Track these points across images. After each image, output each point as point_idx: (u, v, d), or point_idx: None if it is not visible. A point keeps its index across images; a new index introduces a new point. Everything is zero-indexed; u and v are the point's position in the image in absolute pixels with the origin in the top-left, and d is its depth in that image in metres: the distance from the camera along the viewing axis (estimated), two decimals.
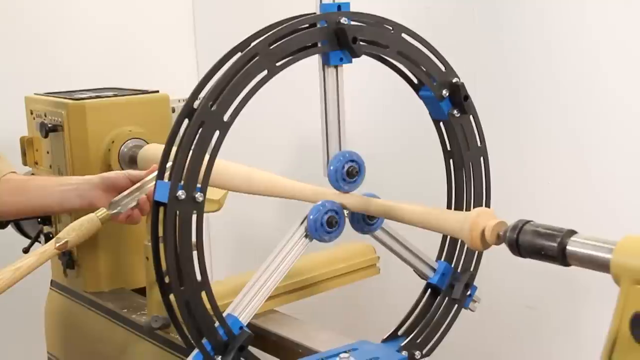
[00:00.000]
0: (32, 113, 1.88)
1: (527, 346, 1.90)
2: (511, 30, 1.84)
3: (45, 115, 1.81)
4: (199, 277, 1.17)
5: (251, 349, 1.38)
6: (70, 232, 1.50)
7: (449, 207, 1.41)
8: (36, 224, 1.90)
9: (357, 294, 2.10)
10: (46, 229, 1.89)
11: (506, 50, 1.86)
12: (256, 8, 2.48)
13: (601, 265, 0.92)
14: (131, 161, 1.76)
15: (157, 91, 1.88)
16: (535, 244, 0.99)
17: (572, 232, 0.97)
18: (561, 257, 0.97)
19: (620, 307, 0.88)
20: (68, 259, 1.83)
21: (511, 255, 1.05)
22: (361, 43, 1.24)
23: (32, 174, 1.92)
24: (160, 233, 1.16)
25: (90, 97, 1.80)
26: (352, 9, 1.26)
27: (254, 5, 2.52)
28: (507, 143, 1.86)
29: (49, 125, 1.76)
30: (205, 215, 2.33)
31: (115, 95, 1.84)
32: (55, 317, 1.94)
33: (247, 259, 2.61)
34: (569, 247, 0.96)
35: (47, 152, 1.84)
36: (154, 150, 1.74)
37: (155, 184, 1.15)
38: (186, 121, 1.15)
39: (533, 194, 1.84)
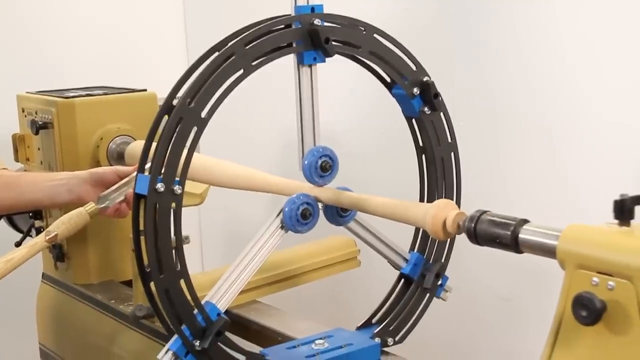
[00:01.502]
0: (23, 111, 1.94)
1: (502, 337, 1.96)
2: (486, 31, 1.90)
3: (36, 113, 1.87)
4: (178, 267, 1.23)
5: (234, 337, 1.44)
6: (60, 226, 1.56)
7: (421, 200, 1.47)
8: (28, 218, 1.96)
9: (339, 285, 2.16)
10: (37, 223, 1.95)
11: (482, 51, 1.92)
12: (246, 9, 2.53)
13: (548, 252, 0.98)
14: (119, 157, 1.82)
15: (145, 90, 1.94)
16: (491, 232, 1.06)
17: (525, 222, 1.04)
18: (514, 244, 1.03)
19: (565, 290, 0.95)
20: (58, 252, 1.89)
21: (485, 247, 1.11)
22: (334, 43, 1.31)
23: (25, 170, 1.98)
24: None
25: (80, 96, 1.86)
26: (333, 8, 1.33)
27: (244, 6, 2.58)
28: (485, 139, 1.92)
29: (40, 123, 1.82)
30: (196, 210, 2.39)
31: (105, 94, 1.90)
32: (46, 309, 2.00)
33: (236, 253, 2.67)
34: (520, 235, 1.02)
35: (38, 149, 1.90)
36: (141, 146, 1.80)
37: (136, 177, 1.21)
38: (166, 117, 1.22)
39: (507, 188, 1.91)
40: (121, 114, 1.86)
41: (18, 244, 1.90)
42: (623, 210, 0.93)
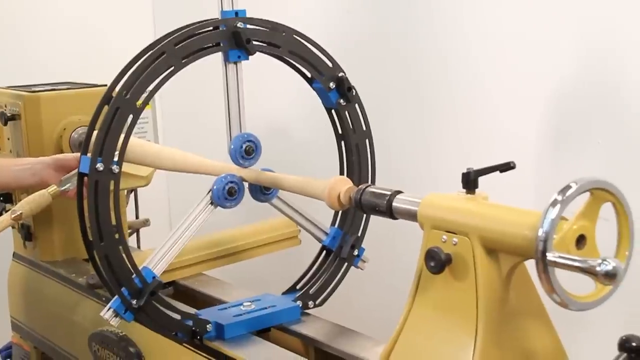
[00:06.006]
0: None
1: None
2: (415, 38, 2.11)
3: (6, 106, 2.05)
4: (117, 236, 1.42)
5: (180, 305, 1.63)
6: (25, 205, 1.74)
7: None
8: None
9: (282, 261, 2.35)
10: (9, 206, 2.13)
11: (412, 54, 2.12)
12: (215, 7, 2.71)
13: (413, 216, 1.17)
14: (80, 145, 2.00)
15: (106, 85, 2.11)
16: (372, 202, 1.25)
17: (398, 192, 1.23)
18: (389, 211, 1.22)
19: (423, 247, 1.14)
20: (26, 232, 2.07)
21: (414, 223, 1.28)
22: (255, 43, 1.50)
23: None
24: None
25: (45, 90, 2.04)
26: (270, 9, 1.51)
27: (212, 4, 2.76)
28: (414, 131, 2.13)
29: (8, 115, 2.01)
30: (166, 194, 2.59)
31: (68, 89, 2.08)
32: (16, 285, 2.18)
33: None
34: (393, 204, 1.22)
35: (8, 139, 2.08)
36: None
37: (80, 158, 1.41)
38: (106, 107, 1.41)
39: (431, 168, 2.12)
40: (83, 107, 2.03)
41: None
42: (468, 181, 1.12)
